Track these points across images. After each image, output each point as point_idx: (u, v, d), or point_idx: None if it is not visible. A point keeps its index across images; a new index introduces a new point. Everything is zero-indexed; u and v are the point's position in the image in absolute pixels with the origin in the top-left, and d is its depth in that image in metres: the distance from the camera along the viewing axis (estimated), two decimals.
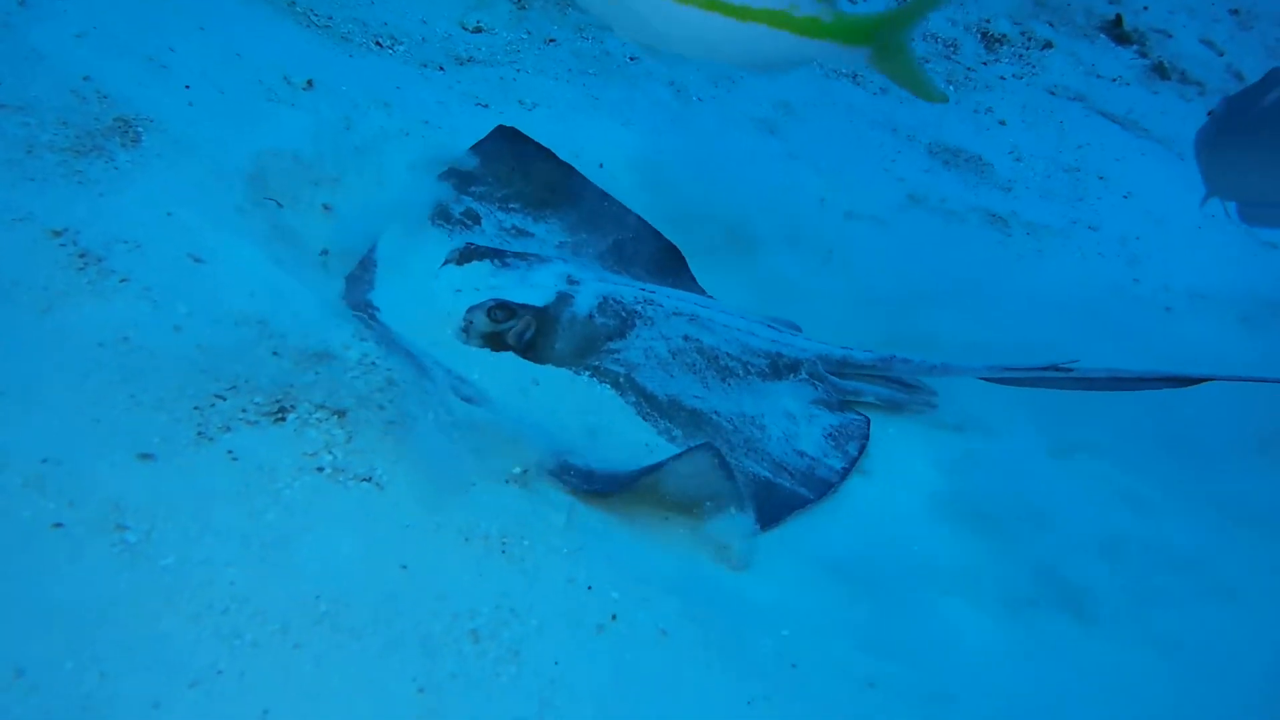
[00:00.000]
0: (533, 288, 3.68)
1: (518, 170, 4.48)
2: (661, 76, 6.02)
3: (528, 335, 3.60)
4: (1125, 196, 6.93)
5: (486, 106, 5.21)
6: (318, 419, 3.01)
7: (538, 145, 4.55)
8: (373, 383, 3.22)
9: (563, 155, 4.99)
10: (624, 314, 3.78)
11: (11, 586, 2.28)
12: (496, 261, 3.75)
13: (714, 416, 3.69)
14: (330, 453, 2.92)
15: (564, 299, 3.70)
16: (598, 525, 3.24)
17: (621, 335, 3.72)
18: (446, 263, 3.75)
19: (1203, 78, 8.58)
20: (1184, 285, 6.22)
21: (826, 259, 5.30)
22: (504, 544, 2.93)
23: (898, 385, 4.21)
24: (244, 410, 2.94)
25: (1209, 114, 4.98)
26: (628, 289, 3.90)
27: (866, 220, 5.67)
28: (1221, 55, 8.94)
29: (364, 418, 3.08)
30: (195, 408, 2.88)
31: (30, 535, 2.38)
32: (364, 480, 2.90)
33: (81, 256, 3.19)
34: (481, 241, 4.01)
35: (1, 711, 2.09)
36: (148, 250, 3.33)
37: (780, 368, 3.98)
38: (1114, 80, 8.23)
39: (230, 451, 2.80)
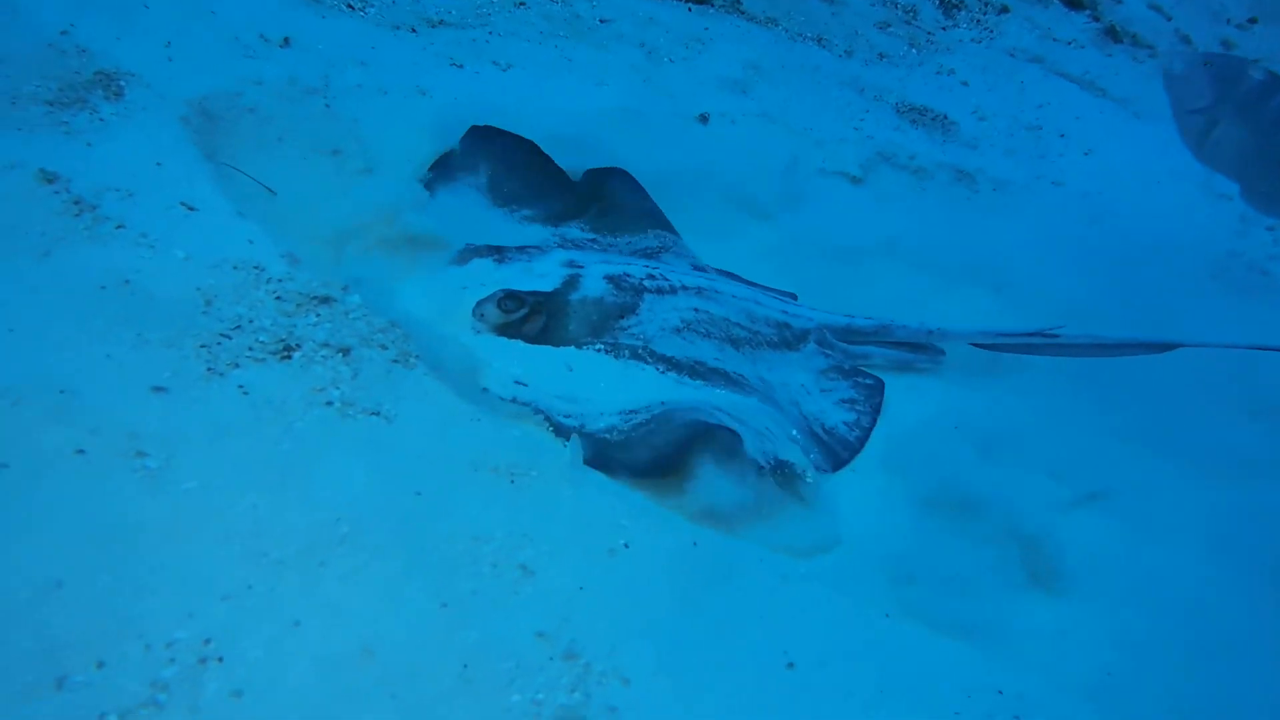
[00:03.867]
0: (538, 276, 3.65)
1: (500, 164, 4.47)
2: (632, 38, 6.05)
3: (540, 322, 3.57)
4: (1086, 153, 7.06)
5: (461, 67, 5.20)
6: (323, 356, 3.03)
7: (517, 137, 4.55)
8: (375, 324, 3.25)
9: (540, 114, 5.05)
10: (633, 291, 3.76)
11: (42, 507, 2.30)
12: (496, 257, 3.72)
13: (735, 375, 3.72)
14: (337, 388, 2.95)
15: (571, 282, 3.67)
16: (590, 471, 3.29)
17: (633, 311, 3.70)
18: (448, 264, 3.70)
19: (1153, 41, 8.76)
20: (1145, 239, 6.36)
21: (800, 215, 5.37)
22: (512, 476, 2.97)
23: (904, 346, 4.29)
24: (250, 349, 2.96)
25: (1166, 74, 4.97)
26: (633, 266, 3.90)
27: (838, 177, 5.75)
28: (1169, 20, 9.14)
29: (368, 356, 3.11)
30: (202, 345, 2.89)
31: (55, 460, 2.39)
32: (372, 414, 2.93)
33: (76, 204, 3.18)
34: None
35: (44, 619, 2.11)
36: (140, 198, 3.33)
37: (789, 337, 4.03)
38: (1069, 43, 8.39)
39: (241, 386, 2.81)
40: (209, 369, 2.83)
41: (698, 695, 2.54)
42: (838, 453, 3.63)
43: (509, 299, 3.52)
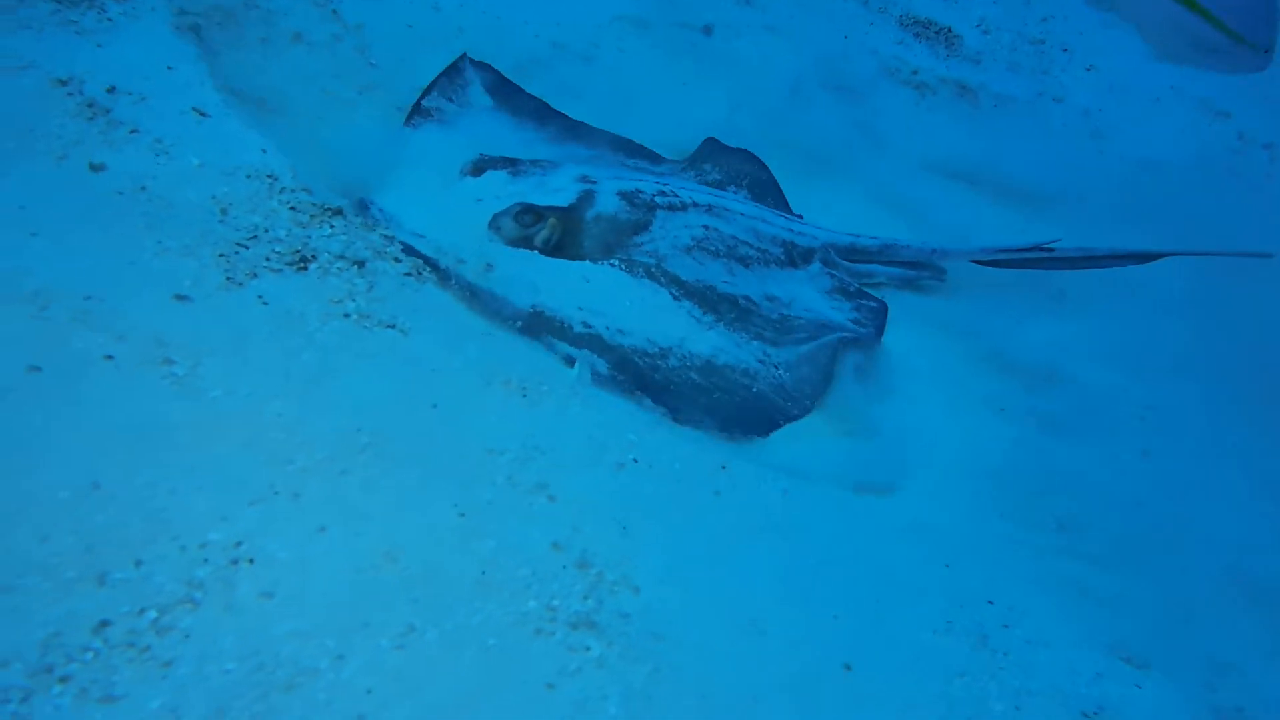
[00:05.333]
0: (554, 191, 3.65)
1: (495, 93, 4.46)
2: None
3: (554, 237, 3.59)
4: (1088, 69, 7.02)
5: None
6: (338, 268, 3.08)
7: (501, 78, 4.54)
8: (388, 236, 3.30)
9: (546, 25, 5.04)
10: (646, 207, 3.78)
11: (75, 411, 2.36)
12: (510, 170, 3.72)
13: (744, 301, 3.78)
14: (354, 300, 3.01)
15: (586, 198, 3.69)
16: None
17: (646, 228, 3.73)
18: (461, 174, 3.71)
19: None
20: (1144, 156, 6.38)
21: (804, 130, 5.38)
22: (524, 389, 3.05)
23: (907, 265, 4.36)
24: (267, 259, 3.00)
25: None
26: (644, 183, 3.91)
27: (842, 91, 5.74)
28: None
29: (382, 268, 3.17)
30: (220, 254, 2.93)
31: (85, 365, 2.45)
32: (389, 327, 2.99)
33: (89, 106, 3.19)
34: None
35: (82, 517, 2.19)
36: (152, 103, 3.33)
37: (795, 256, 4.09)
38: None
39: (260, 296, 2.87)
40: (228, 278, 2.87)
41: (705, 602, 2.66)
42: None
43: (526, 213, 3.55)
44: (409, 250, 3.29)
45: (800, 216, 4.40)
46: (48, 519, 2.19)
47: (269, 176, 3.30)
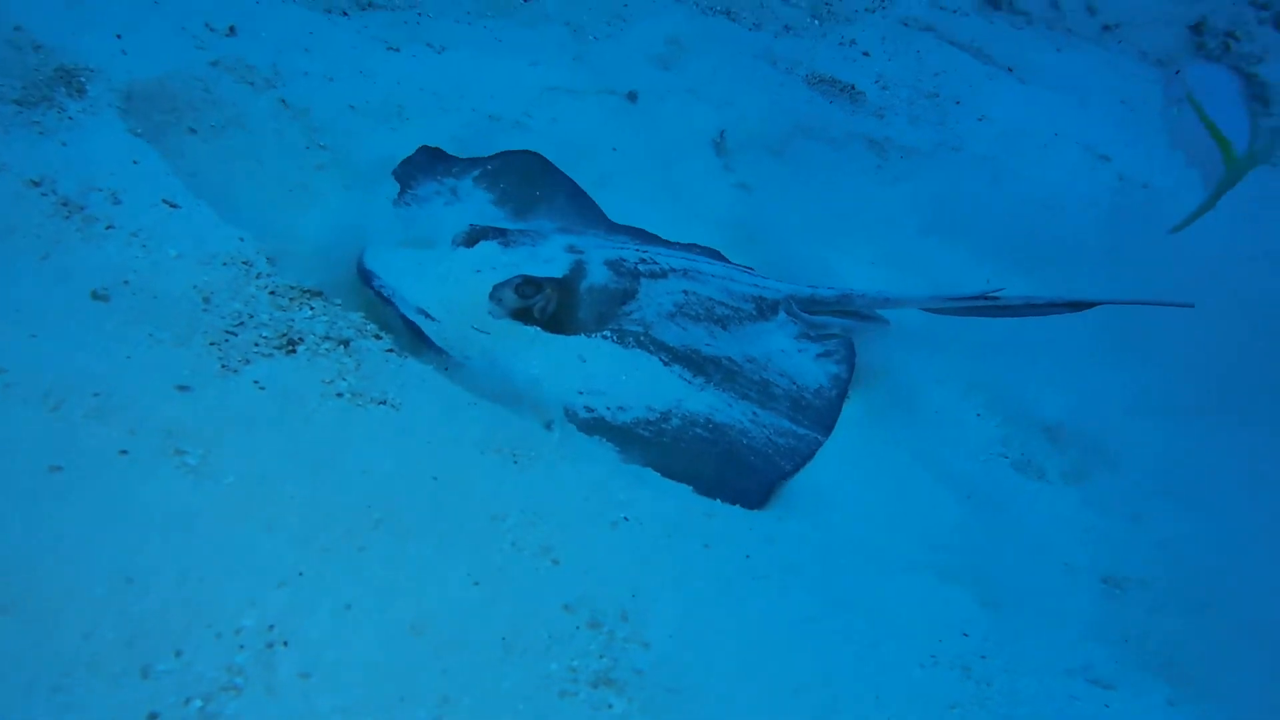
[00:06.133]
0: (546, 261, 3.78)
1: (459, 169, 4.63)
2: (557, 17, 6.18)
3: (551, 307, 3.72)
4: (980, 119, 7.46)
5: (398, 50, 5.27)
6: (326, 349, 3.16)
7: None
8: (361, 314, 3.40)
9: (480, 97, 5.20)
10: (631, 275, 3.95)
11: (99, 507, 2.39)
12: (501, 240, 3.83)
13: (728, 363, 3.95)
14: (345, 379, 3.09)
15: (578, 268, 3.83)
16: (584, 443, 3.51)
17: (634, 296, 3.90)
18: (454, 245, 3.80)
19: (1028, 7, 9.20)
20: (1040, 198, 6.79)
21: (731, 187, 5.63)
22: (515, 456, 3.17)
23: (856, 316, 4.58)
24: (256, 344, 3.07)
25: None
26: (626, 250, 4.09)
27: (760, 150, 6.01)
28: None
29: (366, 346, 3.26)
30: (211, 343, 2.99)
31: (103, 461, 2.48)
32: (380, 403, 3.08)
33: (64, 205, 3.23)
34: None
35: (120, 611, 2.23)
36: (124, 197, 3.39)
37: (764, 308, 4.30)
38: (955, 11, 8.75)
39: (256, 381, 2.93)
40: (223, 365, 2.94)
41: (713, 651, 2.79)
42: (824, 415, 3.92)
43: (527, 284, 3.68)
44: (418, 336, 3.40)
45: (751, 269, 4.62)
46: (88, 616, 2.21)
47: (244, 263, 3.37)
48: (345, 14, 5.44)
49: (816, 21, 7.84)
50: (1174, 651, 3.42)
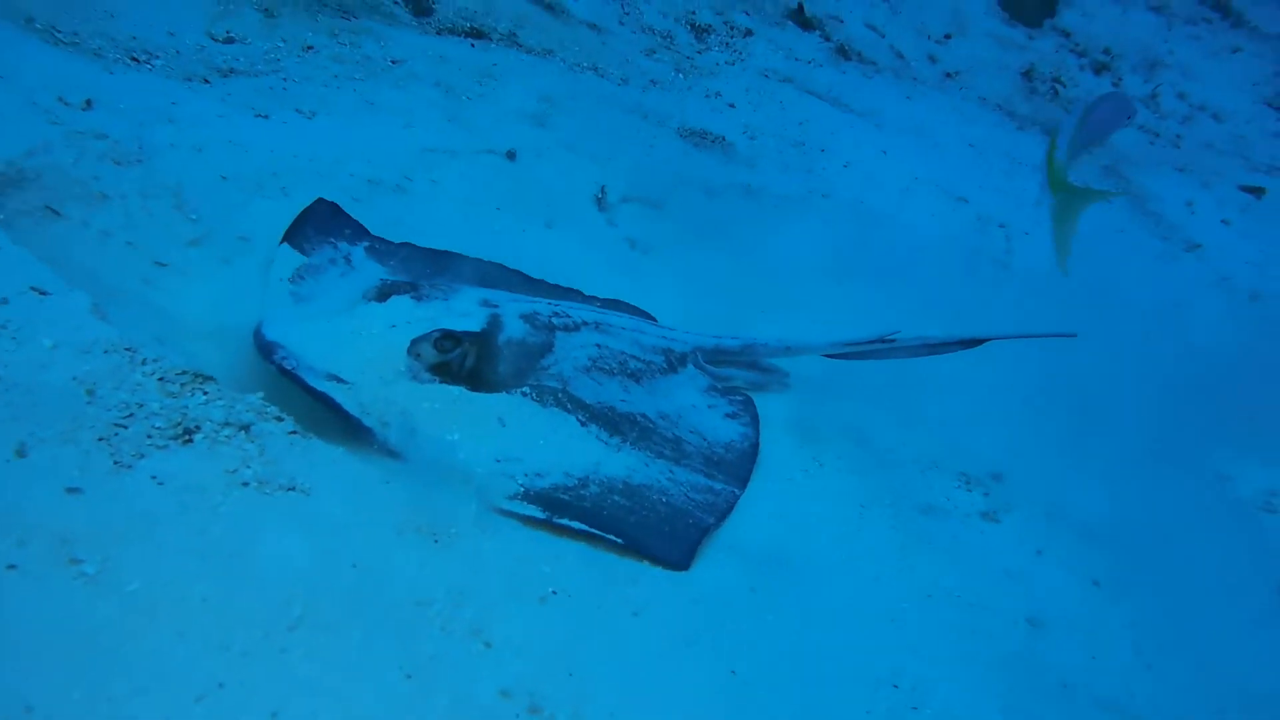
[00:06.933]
0: (461, 315, 3.66)
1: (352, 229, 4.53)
2: (426, 77, 6.08)
3: (469, 361, 3.59)
4: (845, 165, 7.67)
5: (267, 117, 5.09)
6: (225, 435, 2.97)
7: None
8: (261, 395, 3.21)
9: (357, 161, 5.06)
10: (546, 329, 3.87)
11: None
12: (413, 294, 3.69)
13: (642, 419, 3.89)
14: (249, 467, 2.91)
15: (495, 322, 3.72)
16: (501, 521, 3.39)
17: (550, 350, 3.81)
18: (365, 299, 3.64)
19: (875, 57, 9.57)
20: (906, 240, 7.00)
21: (617, 241, 5.63)
22: (435, 536, 3.04)
23: (757, 369, 4.62)
24: (149, 436, 2.86)
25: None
26: (539, 304, 3.99)
27: (643, 203, 6.03)
28: (884, 37, 9.98)
29: (268, 429, 3.08)
30: (100, 438, 2.77)
31: None
32: (289, 490, 2.91)
33: None
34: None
35: None
36: None
37: (673, 361, 4.27)
38: (810, 62, 9.01)
39: (154, 476, 2.73)
40: (115, 462, 2.72)
41: None
42: (737, 468, 3.89)
43: (446, 339, 3.54)
44: (331, 407, 3.23)
45: (655, 319, 4.59)
46: None
47: (127, 349, 3.14)
48: (207, 81, 5.23)
49: (680, 75, 7.93)
50: None
